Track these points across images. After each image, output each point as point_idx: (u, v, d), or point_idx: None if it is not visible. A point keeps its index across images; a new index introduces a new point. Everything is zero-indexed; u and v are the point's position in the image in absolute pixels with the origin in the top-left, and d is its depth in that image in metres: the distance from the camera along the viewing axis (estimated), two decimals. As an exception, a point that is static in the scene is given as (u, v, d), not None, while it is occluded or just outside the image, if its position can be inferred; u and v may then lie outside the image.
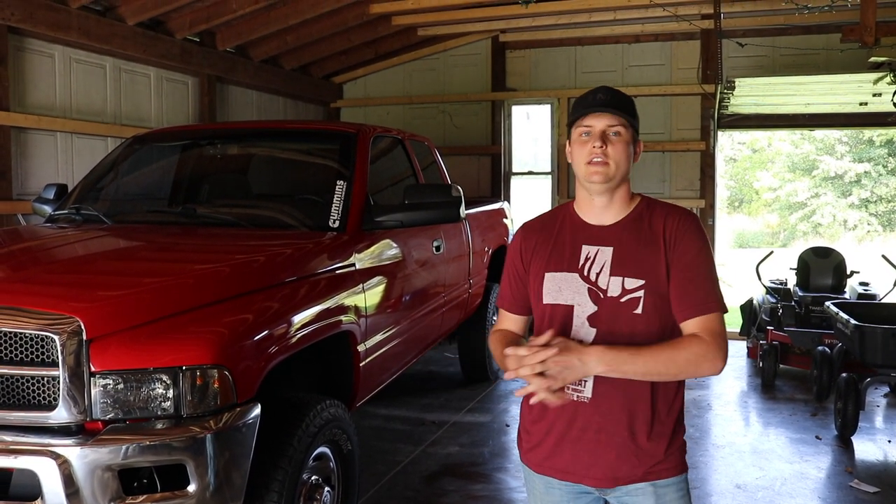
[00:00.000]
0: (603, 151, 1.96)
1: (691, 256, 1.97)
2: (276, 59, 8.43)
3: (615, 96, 2.00)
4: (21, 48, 5.63)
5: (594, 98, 2.00)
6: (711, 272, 2.00)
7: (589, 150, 1.98)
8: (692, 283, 1.95)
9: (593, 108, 1.98)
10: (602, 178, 1.98)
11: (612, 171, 1.97)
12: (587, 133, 1.99)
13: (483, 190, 9.19)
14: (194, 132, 5.33)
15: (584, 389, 1.98)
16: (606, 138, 1.97)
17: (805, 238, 24.57)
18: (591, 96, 2.01)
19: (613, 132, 1.98)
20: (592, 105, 1.98)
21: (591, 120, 1.98)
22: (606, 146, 1.96)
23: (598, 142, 1.97)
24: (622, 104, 2.00)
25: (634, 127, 2.02)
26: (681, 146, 8.54)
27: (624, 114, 1.98)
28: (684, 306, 1.95)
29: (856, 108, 7.71)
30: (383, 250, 4.15)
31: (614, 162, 1.97)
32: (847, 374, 5.26)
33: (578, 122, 2.00)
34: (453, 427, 5.48)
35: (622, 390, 1.97)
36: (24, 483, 2.51)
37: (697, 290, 1.95)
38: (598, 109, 1.97)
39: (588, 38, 8.81)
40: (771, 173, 26.49)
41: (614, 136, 1.98)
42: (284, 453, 2.92)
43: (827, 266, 7.27)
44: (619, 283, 1.96)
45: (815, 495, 4.36)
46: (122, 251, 3.66)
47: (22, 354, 2.56)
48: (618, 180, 2.00)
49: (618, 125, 1.98)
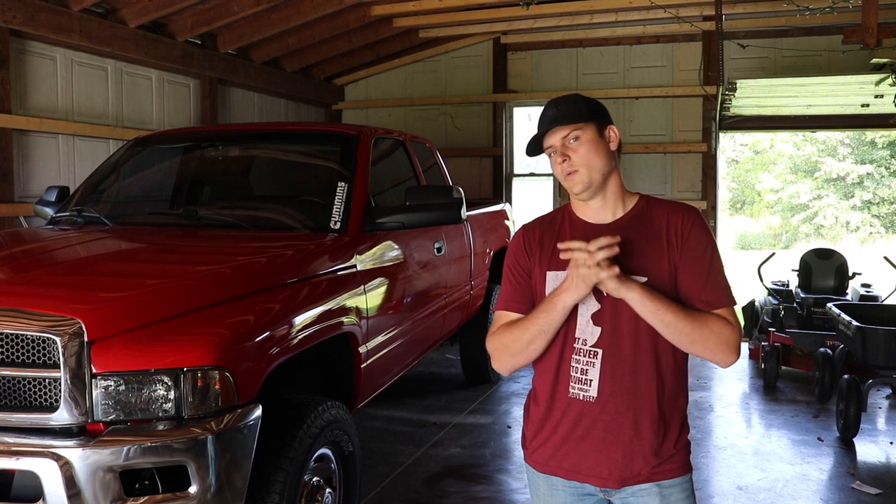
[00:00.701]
0: (569, 164, 2.00)
1: (700, 253, 1.98)
2: (278, 61, 8.44)
3: (563, 106, 2.03)
4: (23, 51, 5.65)
5: (545, 117, 2.04)
6: (720, 267, 2.02)
7: (559, 168, 2.03)
8: (703, 279, 1.97)
9: (544, 127, 2.03)
10: (581, 187, 2.01)
11: (585, 174, 2.00)
12: (554, 151, 2.04)
13: (484, 191, 9.20)
14: (196, 134, 5.34)
15: (590, 389, 1.99)
16: (567, 149, 2.00)
17: (807, 240, 24.56)
18: (542, 115, 2.06)
19: (572, 139, 2.00)
20: (543, 124, 2.03)
21: (549, 139, 2.03)
22: (570, 157, 2.00)
23: (559, 157, 2.02)
24: (570, 112, 2.01)
25: (595, 120, 2.02)
26: (682, 148, 8.54)
27: (573, 120, 2.00)
28: (697, 304, 1.96)
29: (858, 109, 7.69)
30: (385, 252, 4.15)
31: (584, 166, 1.99)
32: (849, 376, 5.25)
33: (544, 144, 2.06)
34: (455, 428, 5.47)
35: (628, 389, 1.97)
36: (25, 484, 2.51)
37: (708, 286, 1.97)
38: (549, 128, 2.02)
39: (589, 39, 8.82)
40: (773, 175, 26.49)
41: (574, 143, 2.00)
42: (286, 455, 2.92)
43: (829, 268, 7.26)
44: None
45: (817, 497, 4.35)
46: (123, 253, 3.66)
47: (24, 356, 2.56)
48: (599, 179, 2.01)
49: (570, 132, 2.00)
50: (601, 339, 1.97)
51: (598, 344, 1.97)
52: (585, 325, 1.99)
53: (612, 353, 1.97)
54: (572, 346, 2.00)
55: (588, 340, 1.98)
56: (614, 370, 1.97)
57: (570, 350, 2.01)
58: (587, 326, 1.99)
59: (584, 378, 1.99)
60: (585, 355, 1.99)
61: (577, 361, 2.00)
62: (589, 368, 1.99)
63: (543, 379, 2.08)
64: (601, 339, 1.97)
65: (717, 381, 6.85)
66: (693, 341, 1.93)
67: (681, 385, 2.06)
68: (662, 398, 2.00)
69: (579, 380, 2.00)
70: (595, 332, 1.98)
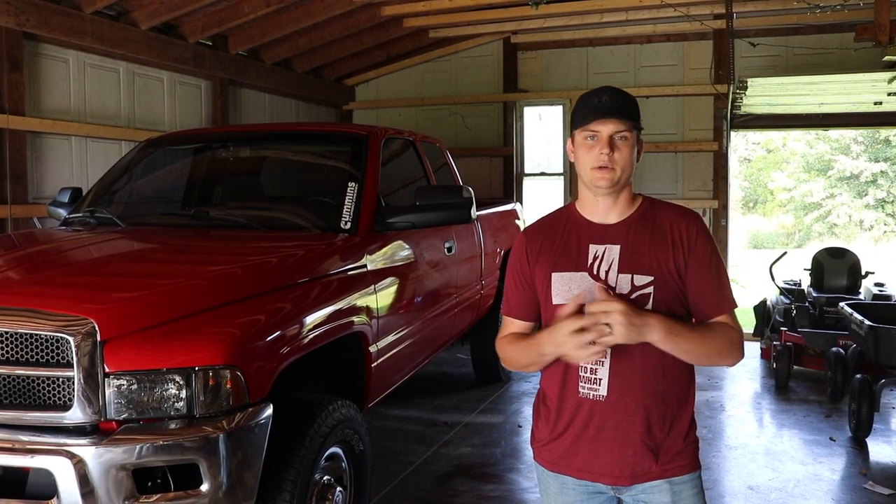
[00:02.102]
0: (610, 158, 1.96)
1: (707, 260, 2.01)
2: (289, 61, 8.47)
3: (621, 99, 1.99)
4: (36, 53, 5.70)
5: (599, 101, 1.97)
6: (724, 272, 2.06)
7: (596, 156, 1.97)
8: (710, 285, 2.01)
9: (599, 113, 1.96)
10: (608, 184, 1.99)
11: (617, 175, 1.98)
12: (593, 137, 1.98)
13: (495, 191, 9.20)
14: (207, 135, 5.37)
15: (599, 388, 2.00)
16: (613, 144, 1.97)
17: (820, 239, 24.40)
18: (595, 98, 1.99)
19: (620, 137, 1.97)
20: (598, 110, 1.96)
21: (598, 125, 1.97)
22: (613, 152, 1.96)
23: (605, 148, 1.96)
24: (627, 108, 1.99)
25: (639, 128, 2.01)
26: (693, 147, 8.51)
27: (629, 118, 1.97)
28: (705, 308, 2.01)
29: (871, 107, 7.65)
30: (395, 251, 4.16)
31: (620, 167, 1.98)
32: (861, 376, 5.22)
33: (584, 125, 1.99)
34: (466, 428, 5.48)
35: (638, 388, 1.98)
36: (40, 482, 2.54)
37: (714, 291, 2.01)
38: (607, 117, 1.96)
39: (600, 38, 8.81)
40: (786, 174, 26.34)
41: (621, 142, 1.97)
42: (296, 453, 2.93)
43: (841, 267, 7.22)
44: (628, 280, 1.98)
45: (829, 497, 4.33)
46: (135, 253, 3.69)
47: (38, 356, 2.59)
48: (625, 181, 2.02)
49: (624, 130, 1.97)
50: None
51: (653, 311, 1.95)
52: None
53: (621, 352, 1.97)
54: None
55: None
56: (623, 368, 1.98)
57: None
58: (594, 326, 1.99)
59: (593, 378, 2.00)
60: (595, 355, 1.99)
61: (587, 361, 2.00)
62: (598, 368, 1.99)
63: (552, 379, 2.09)
64: None
65: (728, 380, 6.82)
66: (708, 358, 2.00)
67: (688, 382, 2.07)
68: (671, 395, 2.01)
69: (589, 379, 2.01)
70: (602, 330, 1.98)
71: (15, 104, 5.40)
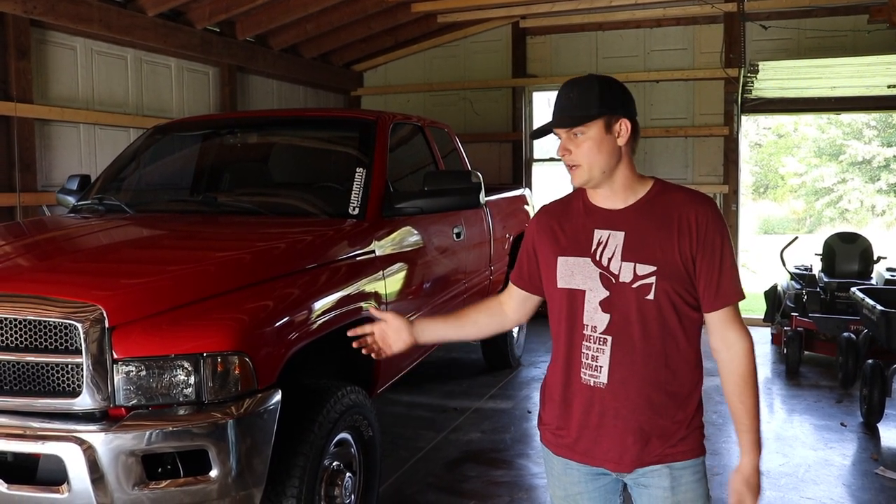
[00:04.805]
0: (570, 158, 1.99)
1: (718, 250, 1.97)
2: (296, 48, 8.44)
3: (573, 96, 1.97)
4: (43, 41, 5.69)
5: (557, 105, 2.01)
6: (734, 260, 2.03)
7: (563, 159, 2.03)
8: (721, 275, 1.97)
9: (552, 123, 2.01)
10: (579, 181, 2.01)
11: (585, 171, 1.98)
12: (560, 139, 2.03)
13: (504, 177, 9.16)
14: (215, 121, 5.36)
15: (599, 375, 1.99)
16: (569, 143, 1.99)
17: (832, 224, 24.25)
18: (557, 99, 2.02)
19: (576, 133, 1.98)
20: (553, 117, 2.01)
21: (557, 129, 2.01)
22: (571, 151, 1.98)
23: (562, 151, 2.01)
24: (581, 103, 1.95)
25: (606, 113, 1.95)
26: (703, 131, 8.44)
27: (579, 120, 1.95)
28: (715, 299, 1.98)
29: (884, 90, 7.56)
30: (403, 237, 4.15)
31: (585, 162, 1.97)
32: (873, 361, 5.19)
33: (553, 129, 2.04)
34: (475, 413, 5.48)
35: (639, 376, 1.97)
36: (50, 468, 2.55)
37: (725, 282, 1.98)
38: (554, 123, 2.00)
39: (609, 22, 8.73)
40: (797, 158, 26.15)
41: (579, 137, 1.97)
42: (305, 439, 2.94)
43: (853, 252, 7.16)
44: (630, 269, 1.96)
45: (840, 482, 4.31)
46: (143, 240, 3.70)
47: (46, 342, 2.59)
48: (599, 175, 1.99)
49: (576, 131, 1.97)
50: (610, 326, 1.97)
51: (607, 331, 1.97)
52: (594, 312, 1.99)
53: (622, 340, 1.96)
54: (582, 333, 2.01)
55: (598, 327, 1.98)
56: (624, 356, 1.97)
57: (580, 337, 2.01)
58: (595, 313, 1.99)
59: (594, 364, 2.00)
60: (595, 342, 1.99)
61: (588, 348, 2.00)
62: (599, 355, 1.99)
63: (556, 365, 2.10)
64: (610, 326, 1.97)
65: (739, 366, 6.79)
66: None
67: (694, 368, 2.05)
68: (674, 384, 2.00)
69: (590, 366, 2.00)
70: (604, 318, 1.98)
71: (23, 92, 5.40)
